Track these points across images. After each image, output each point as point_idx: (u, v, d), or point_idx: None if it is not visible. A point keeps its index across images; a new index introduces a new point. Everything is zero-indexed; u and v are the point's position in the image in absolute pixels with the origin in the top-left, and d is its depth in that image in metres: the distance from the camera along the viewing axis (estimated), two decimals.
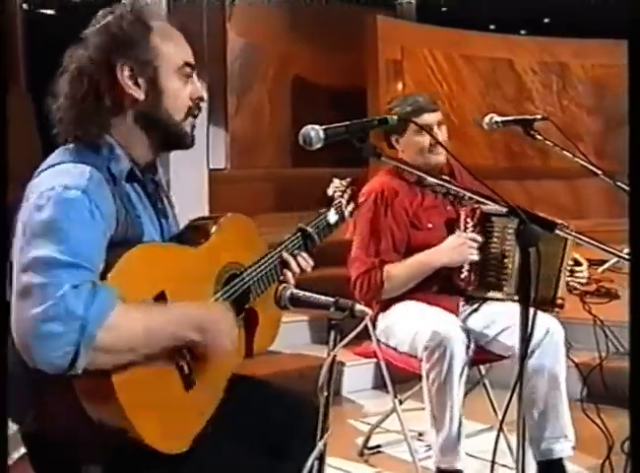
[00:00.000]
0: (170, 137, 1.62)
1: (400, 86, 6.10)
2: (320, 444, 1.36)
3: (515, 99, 6.71)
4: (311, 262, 1.82)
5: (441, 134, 2.72)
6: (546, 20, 7.49)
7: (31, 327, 1.32)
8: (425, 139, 2.69)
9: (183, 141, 1.63)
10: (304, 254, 1.81)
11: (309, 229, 1.85)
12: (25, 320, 1.34)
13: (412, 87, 6.10)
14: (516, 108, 6.23)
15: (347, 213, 1.96)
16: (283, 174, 7.06)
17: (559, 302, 2.58)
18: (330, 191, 1.97)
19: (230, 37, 6.52)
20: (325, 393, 1.40)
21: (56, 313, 1.32)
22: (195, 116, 1.63)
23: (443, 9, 7.88)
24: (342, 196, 1.96)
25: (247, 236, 1.77)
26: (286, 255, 1.77)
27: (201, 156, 3.68)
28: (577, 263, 2.64)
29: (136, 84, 1.56)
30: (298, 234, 1.83)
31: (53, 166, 1.50)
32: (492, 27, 7.54)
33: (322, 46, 7.39)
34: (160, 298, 1.49)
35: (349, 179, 2.00)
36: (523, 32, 7.39)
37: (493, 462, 1.78)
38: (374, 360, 3.15)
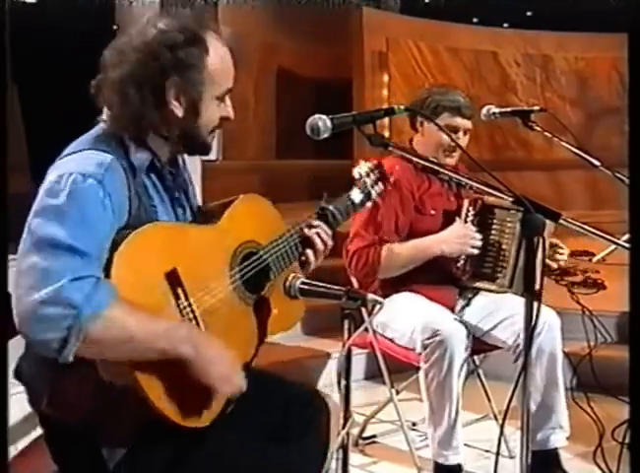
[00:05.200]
0: (194, 148, 1.68)
1: (385, 77, 6.10)
2: (343, 433, 1.36)
3: (499, 91, 6.74)
4: (331, 233, 1.81)
5: (462, 140, 2.69)
6: (529, 13, 7.55)
7: (30, 308, 1.35)
8: (447, 138, 2.66)
9: (203, 151, 1.68)
10: (324, 226, 1.80)
11: (331, 207, 1.84)
12: (25, 300, 1.36)
13: (397, 78, 6.11)
14: (500, 101, 6.25)
15: (374, 193, 1.96)
16: (267, 166, 7.05)
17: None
18: (356, 173, 1.96)
19: None
20: (344, 382, 1.40)
21: (56, 299, 1.34)
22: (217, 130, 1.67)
23: (426, 1, 7.90)
24: (367, 176, 1.95)
25: (264, 216, 1.77)
26: (307, 231, 1.77)
27: None
28: (558, 247, 2.66)
29: (178, 101, 1.58)
30: (319, 212, 1.83)
31: (76, 152, 1.52)
32: (475, 20, 7.57)
33: (307, 38, 7.36)
34: (172, 275, 1.49)
35: (375, 161, 2.00)
36: (506, 25, 7.43)
37: (498, 454, 1.80)
38: (366, 350, 3.16)
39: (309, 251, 1.77)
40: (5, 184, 1.60)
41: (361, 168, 1.96)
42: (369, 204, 1.96)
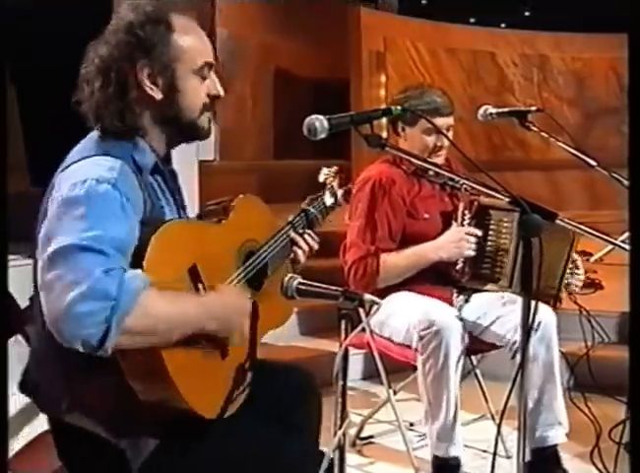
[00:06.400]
0: (185, 132, 1.67)
1: (383, 78, 6.11)
2: (340, 433, 1.36)
3: (496, 91, 6.75)
4: (317, 239, 1.91)
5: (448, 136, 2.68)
6: (527, 13, 7.58)
7: (65, 307, 1.35)
8: (431, 139, 2.69)
9: (198, 134, 1.68)
10: (310, 232, 1.90)
11: (312, 209, 1.94)
12: (59, 301, 1.36)
13: (395, 79, 6.11)
14: (497, 101, 6.26)
15: (339, 196, 2.05)
16: (265, 166, 7.05)
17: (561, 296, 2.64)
18: (321, 178, 2.06)
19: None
20: (341, 382, 1.41)
21: (90, 293, 1.36)
22: (210, 111, 1.66)
23: (424, 2, 7.92)
24: (333, 182, 2.05)
25: (260, 215, 1.83)
26: (293, 234, 1.85)
27: (191, 147, 3.66)
28: (576, 266, 2.69)
29: (154, 83, 1.59)
30: (302, 214, 1.91)
31: (84, 158, 1.52)
32: (473, 20, 7.59)
33: (304, 38, 7.37)
34: (194, 270, 1.53)
35: (336, 167, 2.08)
36: (503, 25, 7.45)
37: (495, 454, 1.81)
38: (364, 351, 3.16)
39: (298, 251, 1.85)
40: (5, 184, 1.61)
41: (326, 174, 2.04)
42: (336, 208, 2.06)
